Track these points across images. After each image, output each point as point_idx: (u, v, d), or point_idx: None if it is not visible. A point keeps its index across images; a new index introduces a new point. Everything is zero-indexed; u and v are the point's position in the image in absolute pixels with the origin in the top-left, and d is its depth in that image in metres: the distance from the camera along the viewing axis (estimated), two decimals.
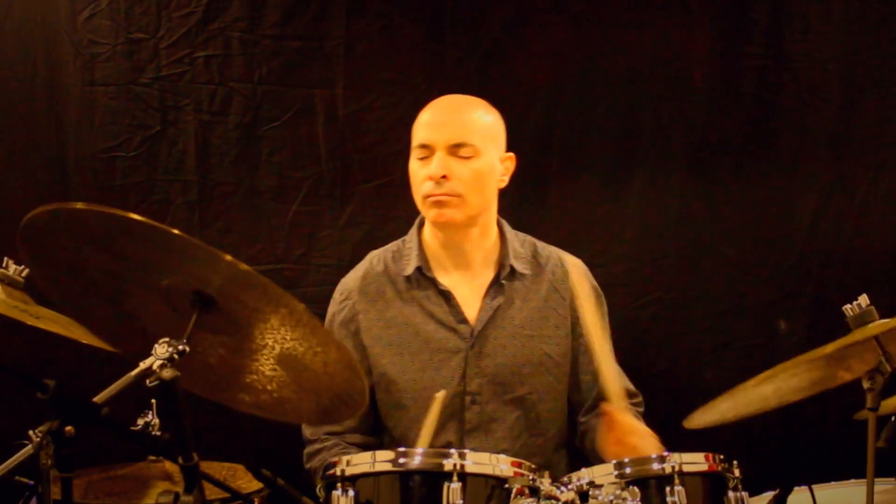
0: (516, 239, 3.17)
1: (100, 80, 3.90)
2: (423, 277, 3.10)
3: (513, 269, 3.10)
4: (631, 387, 3.16)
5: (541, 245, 3.20)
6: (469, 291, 3.10)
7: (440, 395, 2.86)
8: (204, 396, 2.39)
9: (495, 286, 3.09)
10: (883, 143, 3.94)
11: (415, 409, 3.03)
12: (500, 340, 3.06)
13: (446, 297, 3.08)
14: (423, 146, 3.02)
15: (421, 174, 3.02)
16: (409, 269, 3.10)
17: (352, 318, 3.12)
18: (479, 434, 3.03)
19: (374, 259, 3.19)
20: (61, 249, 2.18)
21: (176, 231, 2.06)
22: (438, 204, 3.00)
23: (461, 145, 3.00)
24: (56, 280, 2.31)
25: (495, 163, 3.07)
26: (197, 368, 2.30)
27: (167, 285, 2.19)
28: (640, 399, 3.19)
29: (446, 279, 3.10)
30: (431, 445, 2.83)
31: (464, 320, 3.07)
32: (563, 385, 3.11)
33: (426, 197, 3.01)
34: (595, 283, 3.20)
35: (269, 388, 2.37)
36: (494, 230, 3.14)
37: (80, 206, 2.08)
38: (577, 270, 3.13)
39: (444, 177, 2.97)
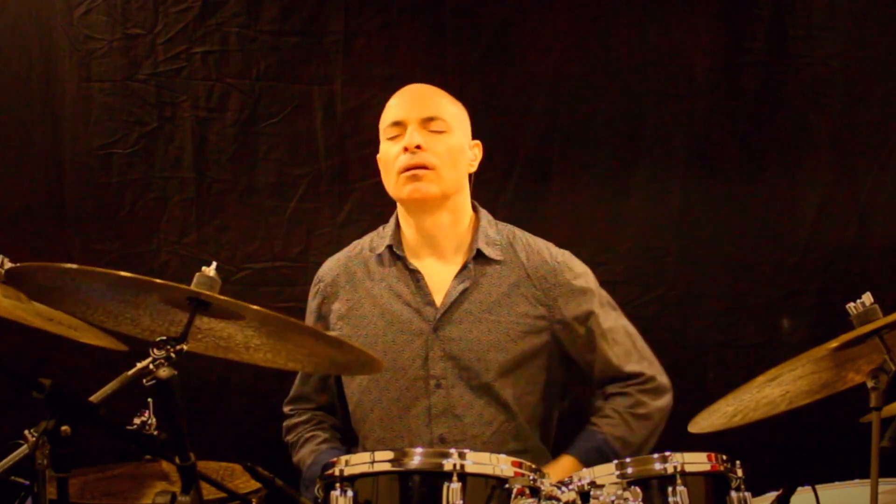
0: (492, 227, 3.12)
1: (96, 76, 3.89)
2: (393, 256, 3.09)
3: (481, 254, 3.05)
4: (634, 367, 3.16)
5: (521, 233, 3.15)
6: (439, 275, 3.05)
7: None
8: (220, 357, 2.46)
9: (464, 270, 3.05)
10: (887, 140, 3.92)
11: (376, 392, 3.03)
12: (465, 324, 3.01)
13: (415, 277, 3.05)
14: (396, 124, 3.05)
15: (393, 151, 3.02)
16: (381, 248, 3.11)
17: (322, 302, 3.14)
18: (447, 419, 2.98)
19: (355, 244, 3.22)
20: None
21: (159, 281, 2.21)
22: (414, 178, 2.98)
23: (433, 119, 3.03)
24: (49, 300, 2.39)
25: (465, 145, 3.10)
26: (215, 341, 2.41)
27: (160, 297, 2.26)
28: (642, 379, 3.14)
29: (418, 263, 3.07)
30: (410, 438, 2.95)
31: (430, 302, 3.03)
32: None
33: (400, 172, 3.00)
34: (585, 271, 3.13)
35: (283, 352, 2.48)
36: (467, 217, 3.11)
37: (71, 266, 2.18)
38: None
39: (418, 146, 2.98)
